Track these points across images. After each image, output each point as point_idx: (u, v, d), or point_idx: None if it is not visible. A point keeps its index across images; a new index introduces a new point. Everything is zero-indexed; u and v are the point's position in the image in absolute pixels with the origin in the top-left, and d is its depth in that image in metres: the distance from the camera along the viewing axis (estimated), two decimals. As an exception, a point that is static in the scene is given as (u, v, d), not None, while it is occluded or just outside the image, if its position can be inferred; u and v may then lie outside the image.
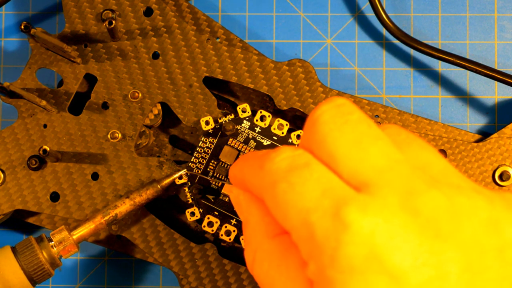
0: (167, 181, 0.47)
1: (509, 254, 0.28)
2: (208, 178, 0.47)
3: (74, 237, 0.45)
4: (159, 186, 0.46)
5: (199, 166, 0.47)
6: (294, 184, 0.30)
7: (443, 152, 0.48)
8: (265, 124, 0.47)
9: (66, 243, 0.45)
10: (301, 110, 0.48)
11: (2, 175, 0.48)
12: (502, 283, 0.28)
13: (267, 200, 0.32)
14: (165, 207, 0.50)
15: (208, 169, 0.47)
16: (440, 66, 0.52)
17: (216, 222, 0.47)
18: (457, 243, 0.28)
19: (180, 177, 0.47)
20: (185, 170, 0.47)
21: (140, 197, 0.46)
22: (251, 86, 0.48)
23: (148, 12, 0.49)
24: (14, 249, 0.45)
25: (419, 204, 0.28)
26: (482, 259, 0.28)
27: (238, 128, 0.47)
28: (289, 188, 0.30)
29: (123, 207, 0.46)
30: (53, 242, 0.45)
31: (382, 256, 0.27)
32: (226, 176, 0.47)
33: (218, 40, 0.49)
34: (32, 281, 0.44)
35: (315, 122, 0.32)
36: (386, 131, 0.32)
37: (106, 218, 0.46)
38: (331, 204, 0.29)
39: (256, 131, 0.47)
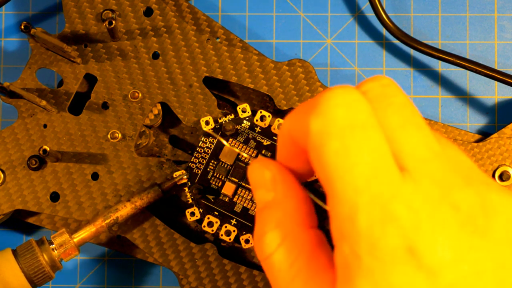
0: (168, 184, 0.47)
1: None
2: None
3: (75, 240, 0.45)
4: (160, 190, 0.46)
5: (199, 166, 0.47)
6: (348, 148, 0.28)
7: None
8: (265, 124, 0.47)
9: (67, 246, 0.45)
10: (301, 110, 0.48)
11: (2, 175, 0.48)
12: None
13: (312, 157, 0.29)
14: (165, 207, 0.50)
15: (208, 169, 0.47)
16: (440, 66, 0.52)
17: (216, 222, 0.47)
18: (492, 240, 0.28)
19: (181, 179, 0.47)
20: (185, 173, 0.47)
21: (141, 201, 0.46)
22: (251, 86, 0.48)
23: (148, 12, 0.49)
24: (15, 252, 0.45)
25: (459, 199, 0.28)
26: None
27: (238, 128, 0.47)
28: (342, 150, 0.28)
29: (124, 210, 0.46)
30: (54, 245, 0.45)
31: (423, 250, 0.27)
32: (226, 176, 0.47)
33: (218, 40, 0.49)
34: (33, 283, 0.44)
35: (365, 93, 0.30)
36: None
37: (107, 221, 0.46)
38: (380, 190, 0.28)
39: (256, 131, 0.47)
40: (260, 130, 0.47)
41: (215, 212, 0.47)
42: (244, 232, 0.47)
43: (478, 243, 0.28)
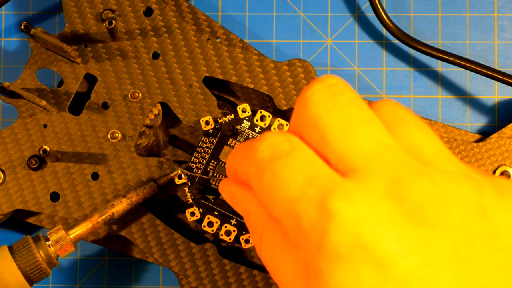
0: (163, 180, 0.47)
1: (498, 241, 0.28)
2: (208, 177, 0.47)
3: (71, 236, 0.45)
4: (155, 185, 0.46)
5: (199, 166, 0.47)
6: (277, 174, 0.30)
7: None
8: (265, 124, 0.47)
9: (63, 242, 0.45)
10: (301, 110, 0.48)
11: (2, 175, 0.48)
12: (491, 270, 0.28)
13: (256, 190, 0.32)
14: (165, 207, 0.50)
15: (208, 169, 0.47)
16: (440, 66, 0.52)
17: (216, 222, 0.47)
18: (444, 230, 0.28)
19: (180, 177, 0.47)
20: (180, 169, 0.47)
21: (137, 196, 0.46)
22: (251, 86, 0.48)
23: (148, 12, 0.49)
24: (11, 249, 0.45)
25: (405, 191, 0.28)
26: (471, 246, 0.28)
27: (238, 128, 0.47)
28: (273, 177, 0.30)
29: (120, 206, 0.46)
30: (50, 242, 0.45)
31: (368, 244, 0.27)
32: (226, 176, 0.47)
33: (218, 40, 0.49)
34: (29, 280, 0.44)
35: (306, 103, 0.31)
36: (382, 109, 0.32)
37: (103, 217, 0.46)
38: (315, 192, 0.29)
39: (256, 131, 0.47)
40: (260, 130, 0.47)
41: (215, 212, 0.47)
42: (244, 232, 0.47)
43: (428, 234, 0.28)
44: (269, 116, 0.47)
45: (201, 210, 0.47)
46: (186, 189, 0.47)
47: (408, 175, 0.28)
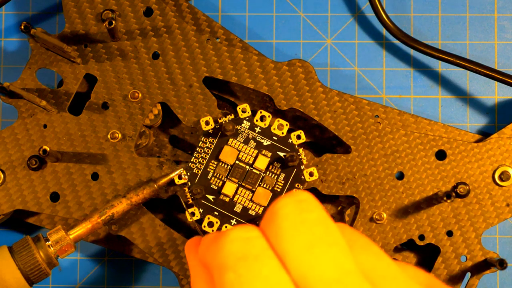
0: (163, 180, 0.47)
1: None
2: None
3: (71, 236, 0.45)
4: (155, 186, 0.46)
5: (199, 166, 0.47)
6: (241, 277, 0.30)
7: (442, 152, 0.48)
8: (265, 124, 0.47)
9: (63, 243, 0.45)
10: (301, 110, 0.48)
11: (2, 175, 0.48)
12: None
13: (214, 282, 0.31)
14: (165, 207, 0.50)
15: (208, 169, 0.47)
16: (440, 66, 0.52)
17: (216, 222, 0.47)
18: None
19: (180, 177, 0.47)
20: (181, 169, 0.47)
21: (137, 197, 0.46)
22: (251, 86, 0.48)
23: (148, 12, 0.49)
24: (11, 249, 0.45)
25: None
26: None
27: (238, 128, 0.47)
28: (236, 280, 0.30)
29: (120, 206, 0.46)
30: (50, 242, 0.45)
31: None
32: (226, 176, 0.47)
33: (218, 40, 0.49)
34: (29, 281, 0.44)
35: (274, 214, 0.31)
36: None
37: (103, 217, 0.46)
38: None
39: (256, 131, 0.47)
40: (260, 130, 0.47)
41: (215, 212, 0.47)
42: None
43: None
44: (269, 116, 0.47)
45: (201, 210, 0.47)
46: (186, 189, 0.47)
47: None
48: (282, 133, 0.47)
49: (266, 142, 0.47)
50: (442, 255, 0.47)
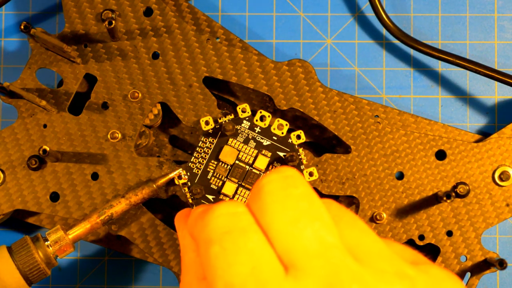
0: (162, 180, 0.47)
1: None
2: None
3: (70, 236, 0.45)
4: (154, 186, 0.46)
5: (199, 166, 0.47)
6: (226, 250, 0.30)
7: (442, 152, 0.48)
8: (265, 124, 0.47)
9: (61, 243, 0.45)
10: (301, 110, 0.48)
11: (2, 175, 0.48)
12: None
13: (200, 255, 0.32)
14: (165, 207, 0.50)
15: (208, 169, 0.47)
16: (440, 66, 0.52)
17: (216, 222, 0.47)
18: None
19: (180, 177, 0.47)
20: (180, 169, 0.47)
21: (136, 197, 0.46)
22: (251, 86, 0.48)
23: (148, 12, 0.49)
24: (9, 249, 0.45)
25: None
26: None
27: (238, 128, 0.47)
28: (221, 253, 0.30)
29: (119, 206, 0.46)
30: (48, 242, 0.45)
31: None
32: (226, 176, 0.47)
33: (218, 40, 0.49)
34: (28, 281, 0.44)
35: (260, 190, 0.31)
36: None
37: (102, 217, 0.46)
38: (255, 286, 0.29)
39: (256, 131, 0.47)
40: (260, 130, 0.47)
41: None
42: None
43: None
44: (269, 116, 0.47)
45: (201, 210, 0.47)
46: (186, 189, 0.47)
47: (343, 280, 0.29)
48: (282, 133, 0.47)
49: (266, 142, 0.47)
50: (442, 255, 0.47)
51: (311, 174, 0.47)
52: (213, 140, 0.48)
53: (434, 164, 0.48)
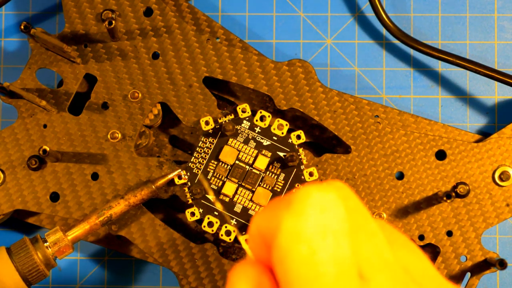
0: (161, 181, 0.47)
1: None
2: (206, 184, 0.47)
3: (69, 237, 0.45)
4: (153, 187, 0.46)
5: (199, 166, 0.47)
6: (316, 257, 0.26)
7: (442, 152, 0.48)
8: (265, 124, 0.47)
9: (61, 244, 0.45)
10: (301, 110, 0.48)
11: (2, 175, 0.48)
12: None
13: (277, 257, 0.27)
14: (165, 207, 0.50)
15: (208, 169, 0.47)
16: (440, 66, 0.52)
17: (216, 222, 0.47)
18: None
19: (180, 177, 0.47)
20: (179, 170, 0.47)
21: (135, 198, 0.46)
22: (251, 86, 0.48)
23: (148, 12, 0.49)
24: (8, 250, 0.45)
25: None
26: None
27: (238, 128, 0.47)
28: (309, 258, 0.26)
29: (118, 207, 0.46)
30: (47, 243, 0.44)
31: None
32: (226, 176, 0.47)
33: (218, 40, 0.49)
34: (27, 282, 0.44)
35: (305, 197, 0.28)
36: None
37: (101, 218, 0.46)
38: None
39: (256, 131, 0.47)
40: (260, 130, 0.47)
41: (215, 212, 0.47)
42: (244, 232, 0.47)
43: None
44: (269, 116, 0.47)
45: (201, 210, 0.47)
46: (186, 189, 0.47)
47: None
48: (282, 133, 0.47)
49: (266, 142, 0.47)
50: (442, 255, 0.47)
51: (311, 174, 0.47)
52: (213, 140, 0.47)
53: (434, 164, 0.48)
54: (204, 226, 0.47)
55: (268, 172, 0.47)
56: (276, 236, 0.27)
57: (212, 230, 0.47)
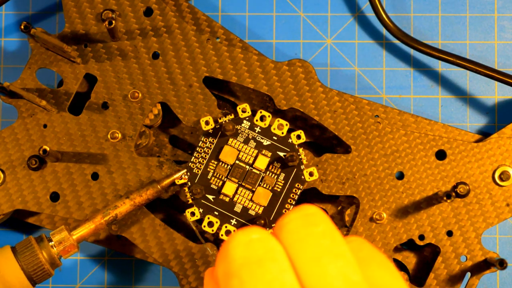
0: (167, 181, 0.47)
1: None
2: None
3: (74, 237, 0.45)
4: (159, 187, 0.46)
5: (199, 166, 0.47)
6: (245, 283, 0.29)
7: (442, 152, 0.48)
8: (265, 124, 0.47)
9: (66, 243, 0.45)
10: (301, 110, 0.48)
11: (2, 175, 0.48)
12: None
13: None
14: (165, 207, 0.50)
15: (208, 169, 0.47)
16: (440, 66, 0.52)
17: (216, 222, 0.47)
18: None
19: (180, 177, 0.47)
20: (185, 170, 0.47)
21: (140, 198, 0.46)
22: (251, 86, 0.48)
23: (148, 12, 0.49)
24: (14, 249, 0.45)
25: None
26: None
27: (238, 128, 0.47)
28: (240, 286, 0.29)
29: (123, 207, 0.46)
30: (53, 242, 0.45)
31: None
32: (226, 176, 0.47)
33: (218, 40, 0.49)
34: (32, 281, 0.44)
35: (281, 229, 0.31)
36: (349, 245, 0.31)
37: (106, 218, 0.46)
38: None
39: (256, 131, 0.47)
40: (260, 130, 0.47)
41: (215, 212, 0.47)
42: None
43: None
44: (269, 116, 0.47)
45: (201, 210, 0.47)
46: (186, 189, 0.47)
47: None
48: (282, 133, 0.47)
49: (266, 142, 0.47)
50: (442, 255, 0.47)
51: (311, 174, 0.47)
52: (213, 140, 0.48)
53: (434, 164, 0.48)
54: (204, 226, 0.47)
55: (268, 172, 0.47)
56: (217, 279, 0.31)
57: (212, 230, 0.47)
